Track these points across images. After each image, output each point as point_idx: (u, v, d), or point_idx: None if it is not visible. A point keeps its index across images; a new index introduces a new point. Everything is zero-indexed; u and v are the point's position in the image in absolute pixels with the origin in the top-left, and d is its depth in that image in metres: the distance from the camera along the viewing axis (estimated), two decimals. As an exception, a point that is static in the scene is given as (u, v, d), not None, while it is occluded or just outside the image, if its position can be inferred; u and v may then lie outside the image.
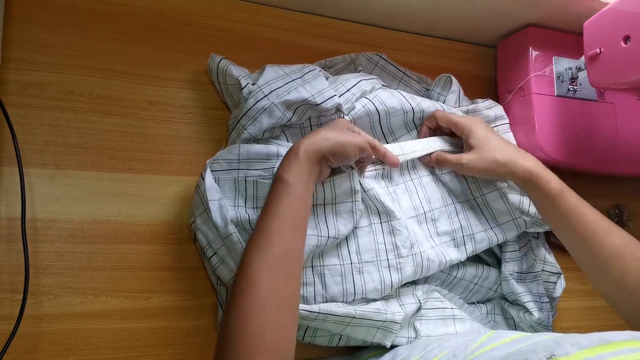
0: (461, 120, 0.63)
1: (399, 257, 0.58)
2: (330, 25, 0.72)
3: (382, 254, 0.58)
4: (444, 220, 0.64)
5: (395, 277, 0.57)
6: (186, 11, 0.64)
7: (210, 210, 0.53)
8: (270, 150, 0.57)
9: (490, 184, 0.66)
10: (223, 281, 0.56)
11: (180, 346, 0.56)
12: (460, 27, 0.77)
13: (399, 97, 0.64)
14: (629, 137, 0.77)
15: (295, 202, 0.49)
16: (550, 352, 0.34)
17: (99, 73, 0.59)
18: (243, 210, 0.56)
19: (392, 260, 0.58)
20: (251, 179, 0.56)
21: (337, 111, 0.61)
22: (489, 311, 0.67)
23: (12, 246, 0.52)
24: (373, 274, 0.57)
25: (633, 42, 0.58)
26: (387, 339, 0.57)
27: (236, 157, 0.57)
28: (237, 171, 0.57)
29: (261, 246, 0.47)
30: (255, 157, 0.57)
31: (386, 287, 0.57)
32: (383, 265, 0.57)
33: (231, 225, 0.53)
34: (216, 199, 0.54)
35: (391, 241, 0.58)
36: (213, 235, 0.55)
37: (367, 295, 0.56)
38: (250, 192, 0.56)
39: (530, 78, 0.73)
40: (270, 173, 0.56)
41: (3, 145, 0.54)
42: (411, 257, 0.59)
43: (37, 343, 0.51)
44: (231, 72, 0.59)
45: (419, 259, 0.59)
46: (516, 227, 0.66)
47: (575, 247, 0.57)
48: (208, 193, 0.53)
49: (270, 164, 0.56)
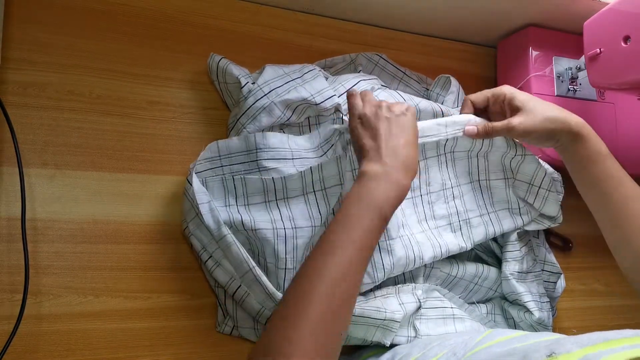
0: (496, 89, 0.61)
1: (388, 239, 0.57)
2: (330, 25, 0.73)
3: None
4: (440, 204, 0.64)
5: (387, 260, 0.57)
6: (186, 11, 0.64)
7: (202, 214, 0.53)
8: (248, 141, 0.56)
9: (499, 172, 0.66)
10: (220, 284, 0.56)
11: (180, 346, 0.56)
12: (460, 27, 0.77)
13: (397, 98, 0.64)
14: (629, 137, 0.77)
15: (378, 239, 0.46)
16: (550, 350, 0.34)
17: (99, 73, 0.59)
18: (235, 209, 0.56)
19: (382, 242, 0.57)
20: (239, 176, 0.56)
21: (336, 111, 0.61)
22: (489, 311, 0.67)
23: (12, 246, 0.52)
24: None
25: (633, 42, 0.58)
26: (386, 338, 0.57)
27: (216, 153, 0.57)
28: (221, 168, 0.57)
29: (338, 276, 0.41)
30: (236, 150, 0.57)
31: (378, 270, 0.56)
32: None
33: (224, 226, 0.53)
34: (206, 201, 0.54)
35: None
36: (207, 238, 0.55)
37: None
38: (240, 189, 0.56)
39: (530, 78, 0.73)
40: (255, 167, 0.56)
41: (3, 145, 0.54)
42: (399, 239, 0.58)
43: (37, 343, 0.51)
44: (231, 71, 0.59)
45: (407, 241, 0.58)
46: (511, 217, 0.66)
47: (604, 213, 0.57)
48: (197, 197, 0.53)
49: (252, 156, 0.56)
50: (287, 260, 0.54)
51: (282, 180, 0.56)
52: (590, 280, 0.81)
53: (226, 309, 0.57)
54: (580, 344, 0.34)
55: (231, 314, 0.57)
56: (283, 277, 0.54)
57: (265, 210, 0.56)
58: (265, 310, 0.54)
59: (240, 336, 0.57)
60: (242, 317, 0.56)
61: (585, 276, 0.81)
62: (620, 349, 0.32)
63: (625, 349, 0.32)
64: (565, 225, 0.69)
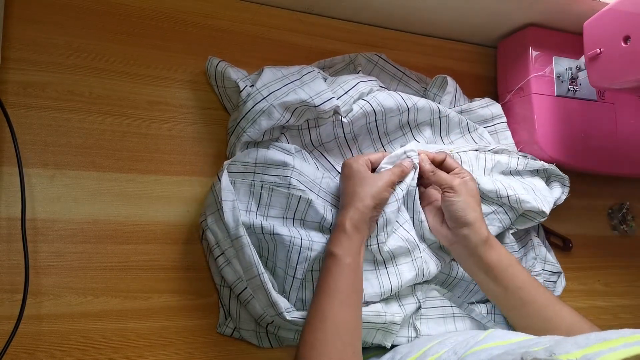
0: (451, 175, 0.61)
1: (396, 265, 0.58)
2: (330, 25, 0.73)
3: (381, 264, 0.58)
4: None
5: (394, 282, 0.57)
6: (186, 11, 0.64)
7: (223, 210, 0.53)
8: (286, 159, 0.57)
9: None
10: (227, 282, 0.56)
11: (181, 346, 0.56)
12: (461, 27, 0.77)
13: (396, 98, 0.64)
14: (629, 137, 0.77)
15: (345, 275, 0.51)
16: (549, 351, 0.34)
17: (99, 73, 0.59)
18: (254, 215, 0.56)
19: (390, 268, 0.58)
20: (268, 185, 0.56)
21: (335, 113, 0.61)
22: (489, 311, 0.67)
23: (12, 246, 0.52)
24: (372, 281, 0.57)
25: (633, 42, 0.58)
26: (387, 340, 0.57)
27: (253, 160, 0.57)
28: (253, 175, 0.57)
29: (314, 325, 0.48)
30: (272, 163, 0.57)
31: (385, 292, 0.57)
32: (382, 272, 0.58)
33: (242, 227, 0.53)
34: (230, 199, 0.54)
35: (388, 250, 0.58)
36: (222, 235, 0.55)
37: (366, 300, 0.56)
38: (265, 198, 0.57)
39: (530, 78, 0.73)
40: (286, 182, 0.56)
41: (3, 145, 0.54)
42: (411, 262, 0.59)
43: (37, 343, 0.51)
44: (229, 75, 0.59)
45: (420, 263, 0.59)
46: (498, 219, 0.65)
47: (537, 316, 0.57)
48: (223, 193, 0.54)
49: (286, 172, 0.57)
50: (297, 270, 0.54)
51: (306, 203, 0.57)
52: (590, 280, 0.81)
53: (229, 309, 0.57)
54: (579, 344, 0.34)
55: (233, 315, 0.57)
56: (290, 284, 0.55)
57: (282, 225, 0.57)
58: (267, 317, 0.54)
59: (241, 338, 0.57)
60: (245, 319, 0.56)
61: (585, 276, 0.81)
62: (620, 347, 0.33)
63: (626, 346, 0.33)
64: (565, 225, 0.69)
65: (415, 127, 0.68)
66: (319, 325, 0.48)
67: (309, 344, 0.47)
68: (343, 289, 0.50)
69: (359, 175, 0.56)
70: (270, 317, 0.54)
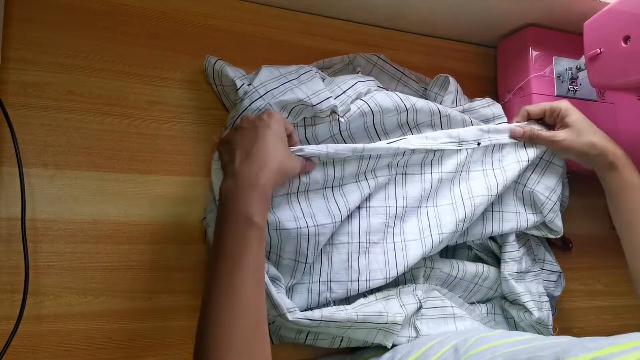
0: (555, 103, 0.66)
1: (404, 241, 0.60)
2: (330, 25, 0.72)
3: (389, 237, 0.60)
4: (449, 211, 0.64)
5: (400, 259, 0.59)
6: (186, 11, 0.64)
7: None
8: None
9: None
10: None
11: (180, 346, 0.56)
12: (460, 27, 0.77)
13: (394, 98, 0.64)
14: (629, 137, 0.77)
15: (262, 250, 0.46)
16: (556, 356, 0.34)
17: (99, 73, 0.59)
18: None
19: (398, 243, 0.60)
20: None
21: (332, 112, 0.61)
22: (489, 311, 0.67)
23: (12, 246, 0.52)
24: (378, 256, 0.58)
25: (633, 42, 0.58)
26: (388, 340, 0.57)
27: None
28: None
29: (221, 304, 0.43)
30: None
31: (391, 268, 0.58)
32: (389, 247, 0.59)
33: None
34: None
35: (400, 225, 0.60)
36: None
37: (370, 277, 0.57)
38: None
39: (530, 78, 0.73)
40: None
41: (3, 145, 0.54)
42: (419, 240, 0.61)
43: (37, 343, 0.51)
44: (227, 74, 0.59)
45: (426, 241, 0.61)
46: (516, 220, 0.67)
47: (629, 242, 0.60)
48: (215, 188, 0.54)
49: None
50: (307, 256, 0.55)
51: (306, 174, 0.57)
52: (591, 280, 0.81)
53: None
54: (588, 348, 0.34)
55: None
56: (302, 271, 0.56)
57: (287, 205, 0.57)
58: (269, 317, 0.54)
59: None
60: None
61: (585, 276, 0.81)
62: (632, 349, 0.33)
63: (636, 349, 0.33)
64: (566, 225, 0.69)
65: (415, 127, 0.68)
66: (227, 303, 0.42)
67: (221, 330, 0.42)
68: (260, 266, 0.45)
69: (271, 132, 0.50)
70: (272, 317, 0.54)
